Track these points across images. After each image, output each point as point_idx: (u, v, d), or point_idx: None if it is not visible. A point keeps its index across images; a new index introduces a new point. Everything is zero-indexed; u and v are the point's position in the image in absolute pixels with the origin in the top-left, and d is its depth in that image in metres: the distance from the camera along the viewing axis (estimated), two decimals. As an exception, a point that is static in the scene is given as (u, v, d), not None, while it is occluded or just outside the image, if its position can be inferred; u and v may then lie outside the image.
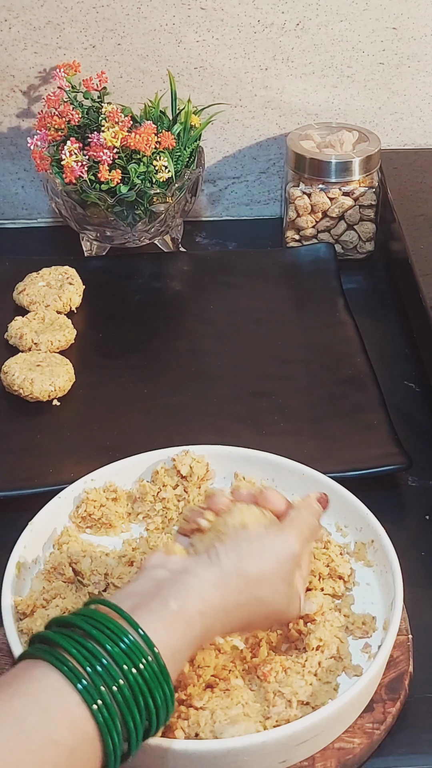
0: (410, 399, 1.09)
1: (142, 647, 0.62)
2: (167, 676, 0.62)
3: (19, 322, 1.13)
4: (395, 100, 1.34)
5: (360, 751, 0.73)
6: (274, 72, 1.31)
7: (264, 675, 0.75)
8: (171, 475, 0.91)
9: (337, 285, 1.22)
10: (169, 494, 0.90)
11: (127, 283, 1.23)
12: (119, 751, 0.60)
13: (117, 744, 0.60)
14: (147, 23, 1.26)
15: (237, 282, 1.23)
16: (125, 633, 0.62)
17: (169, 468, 0.92)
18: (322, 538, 0.85)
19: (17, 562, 0.81)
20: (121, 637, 0.61)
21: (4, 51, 1.27)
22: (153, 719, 0.62)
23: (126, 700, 0.60)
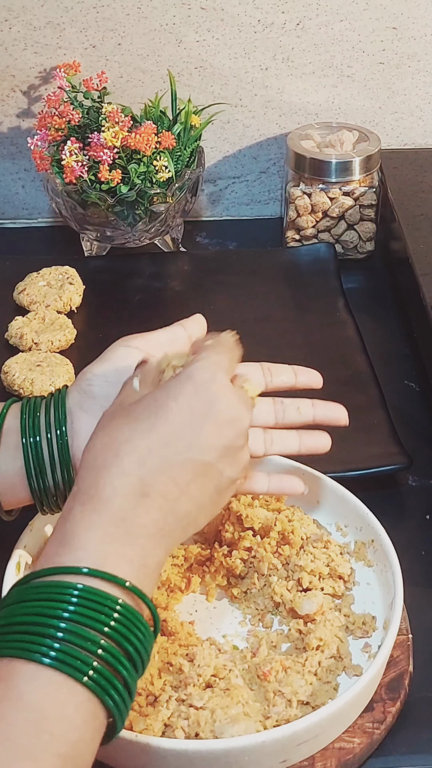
0: (410, 399, 1.09)
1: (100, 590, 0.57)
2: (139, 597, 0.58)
3: (20, 322, 1.13)
4: (395, 99, 1.34)
5: (360, 751, 0.73)
6: (274, 72, 1.31)
7: (264, 675, 0.75)
8: (171, 475, 0.91)
9: (337, 285, 1.22)
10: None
11: (127, 283, 1.23)
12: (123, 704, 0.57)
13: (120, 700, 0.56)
14: (147, 23, 1.26)
15: (237, 282, 1.23)
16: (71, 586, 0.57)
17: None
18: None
19: (17, 562, 0.81)
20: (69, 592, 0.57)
21: (4, 51, 1.27)
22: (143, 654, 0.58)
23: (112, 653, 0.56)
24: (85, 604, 0.56)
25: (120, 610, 0.57)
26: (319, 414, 0.80)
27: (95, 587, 0.57)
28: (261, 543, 0.84)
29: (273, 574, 0.83)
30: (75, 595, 0.57)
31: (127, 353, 0.75)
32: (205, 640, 0.79)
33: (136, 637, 0.58)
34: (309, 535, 0.86)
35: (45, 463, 0.73)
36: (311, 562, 0.82)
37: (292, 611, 0.80)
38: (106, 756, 0.71)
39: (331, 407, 0.81)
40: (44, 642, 0.55)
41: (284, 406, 0.79)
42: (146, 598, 0.59)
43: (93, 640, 0.56)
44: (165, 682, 0.74)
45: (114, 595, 0.57)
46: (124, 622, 0.57)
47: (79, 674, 0.55)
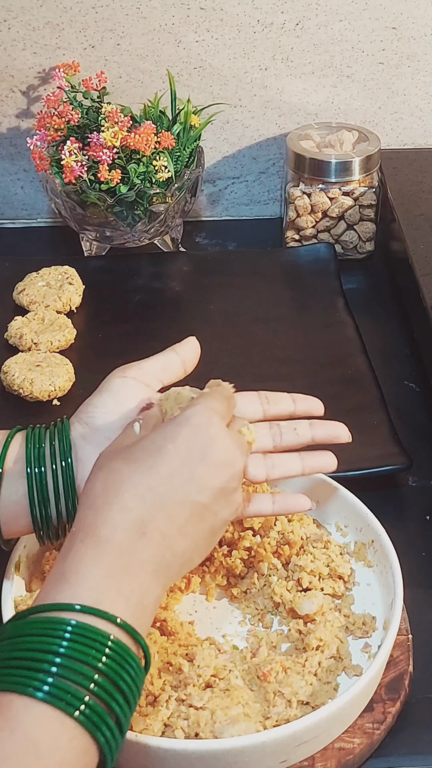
0: (410, 399, 1.09)
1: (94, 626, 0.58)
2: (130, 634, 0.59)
3: (19, 322, 1.13)
4: (395, 99, 1.34)
5: (360, 751, 0.73)
6: (273, 72, 1.31)
7: (264, 675, 0.75)
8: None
9: (337, 285, 1.22)
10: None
11: (127, 283, 1.23)
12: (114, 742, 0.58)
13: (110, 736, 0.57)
14: (146, 23, 1.26)
15: (237, 282, 1.23)
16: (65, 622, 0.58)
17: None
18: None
19: (17, 562, 0.81)
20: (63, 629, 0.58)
21: (3, 51, 1.27)
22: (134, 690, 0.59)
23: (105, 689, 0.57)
24: (79, 640, 0.57)
25: (111, 646, 0.58)
26: (318, 434, 0.81)
27: (88, 623, 0.58)
28: (261, 543, 0.84)
29: (273, 574, 0.83)
30: (69, 632, 0.58)
31: (123, 384, 0.77)
32: (205, 640, 0.79)
33: (127, 673, 0.59)
34: (309, 535, 0.85)
35: (49, 493, 0.74)
36: (311, 563, 0.82)
37: (292, 611, 0.80)
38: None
39: (330, 426, 0.82)
40: (38, 677, 0.56)
41: (281, 429, 0.80)
42: (138, 635, 0.60)
43: (86, 675, 0.57)
44: (165, 682, 0.74)
45: (106, 632, 0.58)
46: (116, 658, 0.58)
47: (71, 709, 0.56)
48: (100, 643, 0.58)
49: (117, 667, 0.58)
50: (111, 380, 0.78)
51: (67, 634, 0.57)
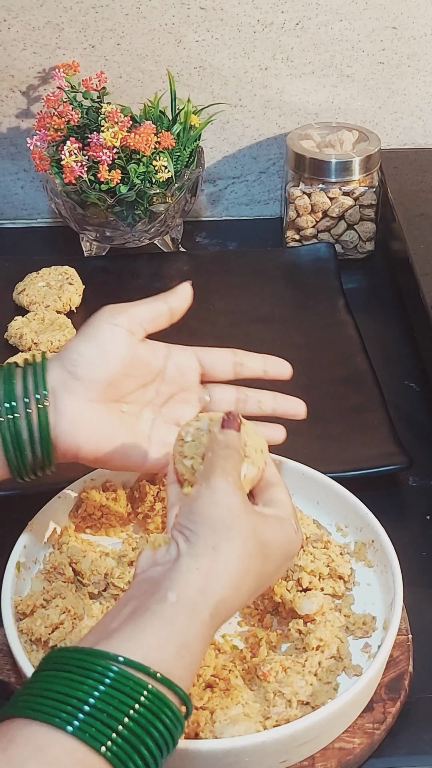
0: (410, 399, 1.09)
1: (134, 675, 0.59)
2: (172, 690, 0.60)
3: (19, 322, 1.13)
4: (395, 99, 1.34)
5: (360, 751, 0.73)
6: (273, 72, 1.31)
7: (264, 675, 0.75)
8: (171, 475, 0.91)
9: (337, 285, 1.22)
10: (169, 494, 0.90)
11: (127, 283, 1.23)
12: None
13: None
14: (146, 23, 1.26)
15: (237, 282, 1.23)
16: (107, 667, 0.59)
17: (169, 468, 0.92)
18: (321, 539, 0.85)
19: (17, 562, 0.81)
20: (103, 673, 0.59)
21: (3, 51, 1.27)
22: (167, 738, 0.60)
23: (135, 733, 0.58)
24: (116, 686, 0.58)
25: (147, 695, 0.59)
26: (279, 407, 0.84)
27: (129, 672, 0.59)
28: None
29: (273, 574, 0.83)
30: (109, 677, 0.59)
31: (112, 333, 0.76)
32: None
33: (161, 722, 0.59)
34: (309, 535, 0.85)
35: (22, 435, 0.73)
36: (311, 563, 0.82)
37: (292, 611, 0.80)
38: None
39: (291, 401, 0.84)
40: (69, 710, 0.57)
41: (247, 397, 0.83)
42: (177, 687, 0.60)
43: (117, 718, 0.58)
44: (165, 683, 0.74)
45: (145, 681, 0.59)
46: (151, 707, 0.59)
47: (98, 744, 0.57)
48: (136, 691, 0.59)
49: (150, 715, 0.59)
50: (100, 327, 0.77)
51: (107, 679, 0.59)
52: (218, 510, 0.66)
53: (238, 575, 0.65)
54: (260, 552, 0.67)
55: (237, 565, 0.65)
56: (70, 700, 0.58)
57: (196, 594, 0.63)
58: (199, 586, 0.63)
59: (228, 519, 0.66)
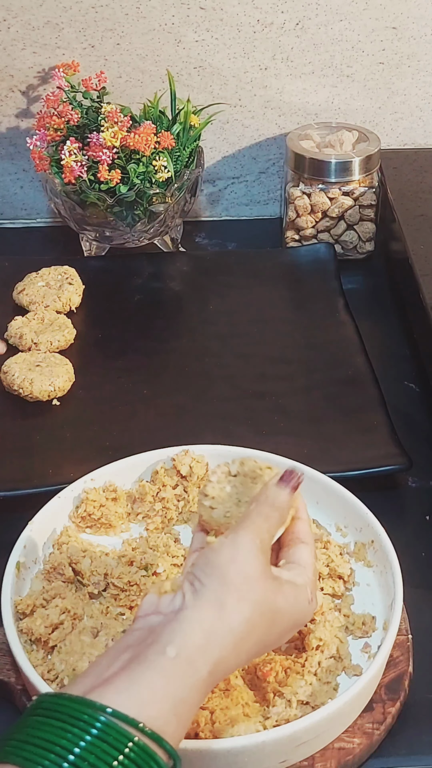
0: (410, 399, 1.09)
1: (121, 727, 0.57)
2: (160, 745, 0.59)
3: (19, 322, 1.13)
4: (395, 99, 1.34)
5: (360, 751, 0.73)
6: (273, 72, 1.31)
7: (264, 675, 0.75)
8: (171, 475, 0.91)
9: (337, 285, 1.22)
10: (168, 494, 0.90)
11: (127, 283, 1.23)
12: None
13: None
14: (146, 23, 1.26)
15: (237, 282, 1.23)
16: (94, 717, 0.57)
17: (168, 468, 0.92)
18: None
19: (17, 562, 0.81)
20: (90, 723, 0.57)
21: (2, 51, 1.27)
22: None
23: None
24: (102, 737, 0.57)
25: (133, 747, 0.58)
26: None
27: (116, 724, 0.58)
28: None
29: (273, 575, 0.83)
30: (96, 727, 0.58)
31: None
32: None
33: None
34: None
35: None
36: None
37: (292, 611, 0.80)
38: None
39: None
40: (52, 758, 0.56)
41: None
42: (165, 743, 0.59)
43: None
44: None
45: (131, 734, 0.58)
46: (137, 760, 0.58)
47: None
48: (120, 743, 0.58)
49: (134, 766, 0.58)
50: None
51: (94, 729, 0.57)
52: (235, 569, 0.64)
53: (240, 637, 0.63)
54: (268, 619, 0.65)
55: (241, 627, 0.63)
56: (55, 747, 0.57)
57: (196, 651, 0.61)
58: (199, 643, 0.61)
59: (242, 580, 0.64)
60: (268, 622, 0.65)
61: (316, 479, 0.88)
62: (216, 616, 0.63)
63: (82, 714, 0.58)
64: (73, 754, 0.57)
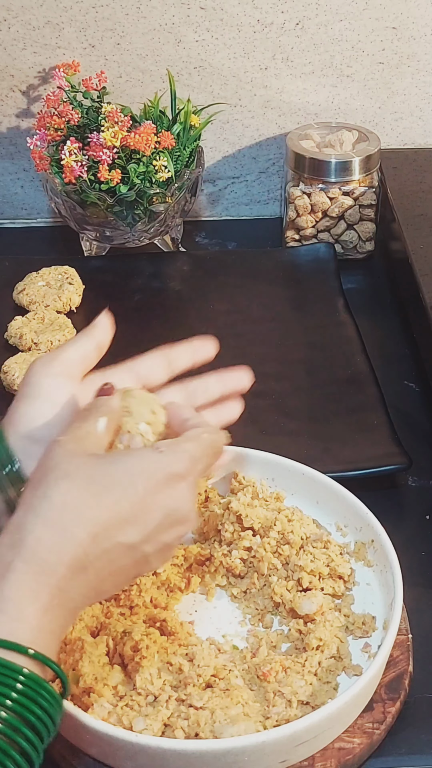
0: (410, 399, 1.09)
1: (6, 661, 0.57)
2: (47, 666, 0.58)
3: (19, 321, 1.13)
4: (395, 99, 1.34)
5: (360, 751, 0.73)
6: (273, 71, 1.31)
7: (264, 675, 0.75)
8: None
9: (337, 285, 1.22)
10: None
11: (127, 283, 1.23)
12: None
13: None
14: (146, 23, 1.26)
15: (237, 282, 1.23)
16: None
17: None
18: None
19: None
20: None
21: (3, 51, 1.27)
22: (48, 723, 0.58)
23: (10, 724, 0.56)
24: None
25: (23, 680, 0.57)
26: (225, 386, 0.79)
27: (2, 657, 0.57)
28: (261, 543, 0.84)
29: (273, 574, 0.83)
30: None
31: (55, 385, 0.72)
32: (205, 640, 0.79)
33: (39, 706, 0.57)
34: (309, 535, 0.85)
35: None
36: (311, 562, 0.82)
37: (292, 611, 0.80)
38: (106, 756, 0.71)
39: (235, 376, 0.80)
40: None
41: (194, 390, 0.78)
42: (53, 663, 0.58)
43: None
44: (165, 682, 0.74)
45: (18, 665, 0.57)
46: (28, 693, 0.57)
47: None
48: (11, 678, 0.56)
49: (27, 701, 0.57)
50: (39, 382, 0.71)
51: None
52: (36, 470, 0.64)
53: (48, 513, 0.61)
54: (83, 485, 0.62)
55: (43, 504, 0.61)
56: None
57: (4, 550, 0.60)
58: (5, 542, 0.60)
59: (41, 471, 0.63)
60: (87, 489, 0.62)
61: (316, 479, 0.89)
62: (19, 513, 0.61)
63: None
64: None
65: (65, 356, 0.73)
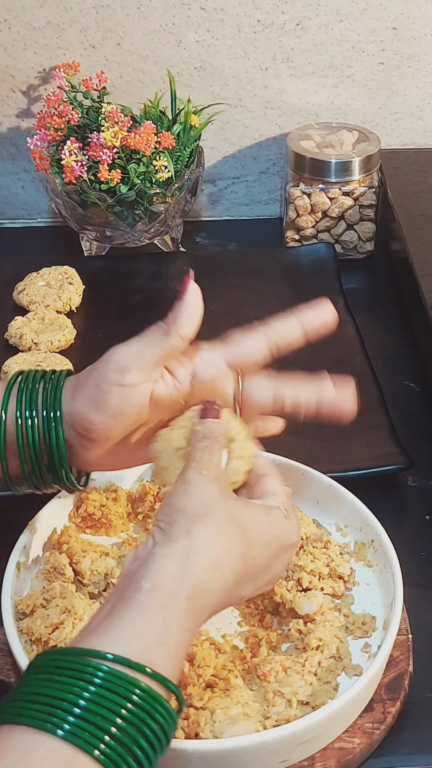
0: (410, 399, 1.09)
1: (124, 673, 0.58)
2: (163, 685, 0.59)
3: (19, 321, 1.13)
4: (395, 100, 1.34)
5: (360, 751, 0.73)
6: (274, 72, 1.31)
7: (264, 675, 0.75)
8: (171, 475, 0.91)
9: (337, 285, 1.22)
10: (169, 494, 0.90)
11: (127, 283, 1.23)
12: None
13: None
14: (147, 23, 1.26)
15: (237, 282, 1.23)
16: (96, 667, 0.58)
17: (169, 468, 0.92)
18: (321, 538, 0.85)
19: (17, 562, 0.81)
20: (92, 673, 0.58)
21: (3, 51, 1.27)
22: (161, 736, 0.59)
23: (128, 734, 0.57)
24: (107, 686, 0.57)
25: (140, 693, 0.58)
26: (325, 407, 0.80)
27: (119, 670, 0.58)
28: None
29: (273, 574, 0.83)
30: (99, 677, 0.58)
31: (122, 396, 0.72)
32: (205, 640, 0.79)
33: (154, 720, 0.59)
34: (309, 535, 0.85)
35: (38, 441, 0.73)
36: (311, 562, 0.82)
37: (292, 611, 0.80)
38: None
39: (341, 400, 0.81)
40: (60, 714, 0.56)
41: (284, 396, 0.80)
42: (168, 682, 0.60)
43: (109, 719, 0.57)
44: (165, 682, 0.74)
45: (136, 679, 0.58)
46: (144, 705, 0.58)
47: (90, 747, 0.56)
48: (127, 690, 0.58)
49: (143, 713, 0.58)
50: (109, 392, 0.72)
51: (97, 679, 0.57)
52: (192, 500, 0.66)
53: (215, 556, 0.64)
54: (241, 534, 0.66)
55: (213, 546, 0.64)
56: (60, 703, 0.56)
57: (171, 579, 0.62)
58: (172, 570, 0.62)
59: (202, 506, 0.65)
60: (243, 537, 0.66)
61: (316, 479, 0.89)
62: (185, 543, 0.63)
63: (81, 665, 0.58)
64: (79, 707, 0.56)
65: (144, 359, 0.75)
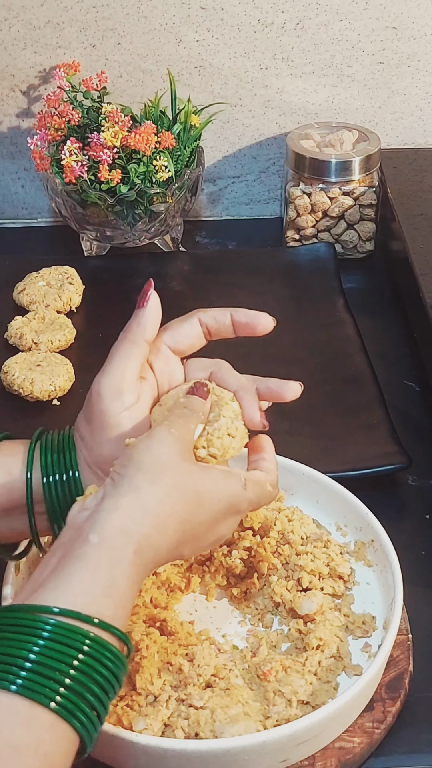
0: (410, 399, 1.09)
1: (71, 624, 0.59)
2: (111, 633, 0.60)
3: (19, 321, 1.13)
4: (395, 99, 1.34)
5: (360, 751, 0.73)
6: (274, 71, 1.31)
7: (264, 674, 0.75)
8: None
9: (337, 285, 1.22)
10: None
11: (127, 283, 1.23)
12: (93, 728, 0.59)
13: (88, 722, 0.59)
14: (147, 23, 1.26)
15: (237, 282, 1.23)
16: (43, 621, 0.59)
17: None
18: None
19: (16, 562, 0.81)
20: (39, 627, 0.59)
21: (3, 50, 1.27)
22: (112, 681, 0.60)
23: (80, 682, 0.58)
24: (55, 639, 0.59)
25: (89, 643, 0.59)
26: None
27: (67, 623, 0.59)
28: (261, 543, 0.84)
29: (273, 574, 0.83)
30: (47, 630, 0.59)
31: (130, 417, 0.74)
32: (205, 639, 0.79)
33: (104, 666, 0.60)
34: (309, 534, 0.85)
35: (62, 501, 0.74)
36: (311, 562, 0.82)
37: (292, 611, 0.80)
38: (106, 756, 0.71)
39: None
40: (12, 671, 0.57)
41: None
42: (115, 629, 0.61)
43: (61, 671, 0.58)
44: (165, 682, 0.74)
45: (84, 629, 0.59)
46: (94, 654, 0.59)
47: (47, 700, 0.57)
48: (76, 641, 0.59)
49: (93, 662, 0.59)
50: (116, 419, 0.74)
51: (45, 632, 0.58)
52: (149, 456, 0.66)
53: (160, 516, 0.65)
54: (192, 499, 0.67)
55: (158, 507, 0.65)
56: (12, 659, 0.57)
57: (117, 534, 0.63)
58: (118, 524, 0.63)
59: (157, 465, 0.66)
60: (190, 503, 0.67)
61: (316, 479, 0.89)
62: (132, 499, 0.64)
63: (30, 620, 0.59)
64: (29, 662, 0.57)
65: (128, 378, 0.76)
